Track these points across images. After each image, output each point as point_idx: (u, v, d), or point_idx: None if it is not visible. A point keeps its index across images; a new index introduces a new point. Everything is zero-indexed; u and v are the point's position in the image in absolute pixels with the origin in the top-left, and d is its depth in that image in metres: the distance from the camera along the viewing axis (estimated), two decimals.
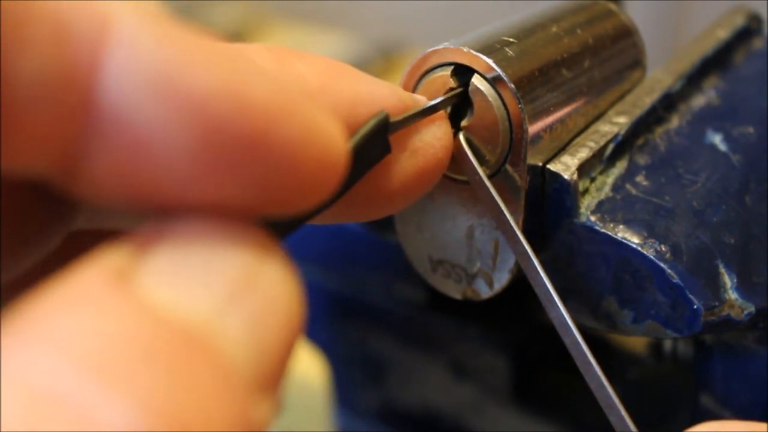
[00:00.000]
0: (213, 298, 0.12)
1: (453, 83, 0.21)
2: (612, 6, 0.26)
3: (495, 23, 0.22)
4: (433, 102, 0.20)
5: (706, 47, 0.27)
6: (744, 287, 0.21)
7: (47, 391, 0.10)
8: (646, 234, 0.21)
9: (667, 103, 0.25)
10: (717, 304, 0.21)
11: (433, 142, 0.19)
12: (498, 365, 0.29)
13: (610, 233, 0.21)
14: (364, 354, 0.32)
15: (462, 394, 0.31)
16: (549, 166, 0.21)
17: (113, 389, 0.10)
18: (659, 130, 0.24)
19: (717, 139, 0.24)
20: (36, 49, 0.12)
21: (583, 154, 0.21)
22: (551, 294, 0.19)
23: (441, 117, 0.20)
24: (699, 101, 0.26)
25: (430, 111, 0.20)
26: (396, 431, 0.33)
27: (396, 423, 0.33)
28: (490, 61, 0.20)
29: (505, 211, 0.20)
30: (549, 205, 0.21)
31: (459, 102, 0.21)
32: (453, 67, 0.21)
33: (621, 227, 0.21)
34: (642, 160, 0.23)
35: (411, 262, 0.23)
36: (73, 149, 0.12)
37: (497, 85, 0.20)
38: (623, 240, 0.21)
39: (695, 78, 0.26)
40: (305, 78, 0.17)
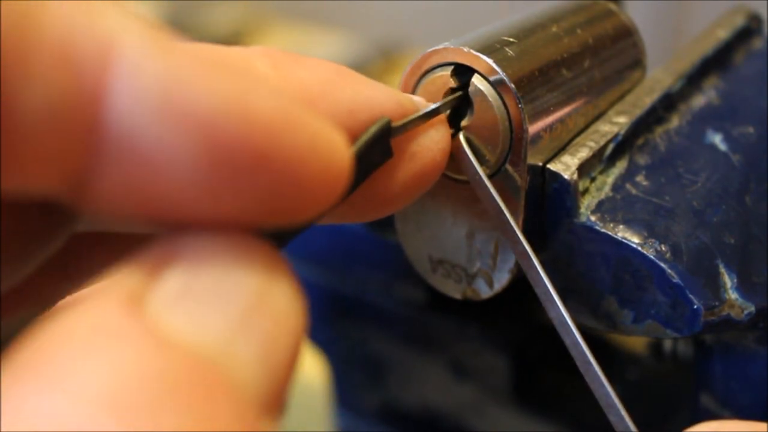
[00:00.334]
0: (225, 323, 0.12)
1: (453, 83, 0.21)
2: (612, 6, 0.26)
3: (495, 23, 0.22)
4: (434, 105, 0.20)
5: (706, 47, 0.27)
6: (744, 287, 0.21)
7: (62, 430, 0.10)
8: (646, 234, 0.21)
9: (667, 103, 0.25)
10: (717, 304, 0.21)
11: (431, 146, 0.19)
12: (498, 365, 0.29)
13: (610, 233, 0.21)
14: (364, 354, 0.32)
15: (462, 394, 0.31)
16: (549, 166, 0.21)
17: (129, 428, 0.10)
18: (659, 130, 0.24)
19: (717, 139, 0.24)
20: (41, 78, 0.12)
21: (583, 153, 0.21)
22: (551, 294, 0.19)
23: (439, 121, 0.20)
24: (699, 101, 0.26)
25: (431, 115, 0.20)
26: (396, 431, 0.33)
27: (396, 423, 0.33)
28: (490, 61, 0.20)
29: (505, 211, 0.20)
30: (549, 205, 0.21)
31: (459, 102, 0.21)
32: (453, 67, 0.21)
33: (621, 227, 0.21)
34: (642, 160, 0.23)
35: (411, 262, 0.23)
36: (81, 169, 0.12)
37: (497, 85, 0.20)
38: (623, 240, 0.21)
39: (695, 78, 0.26)
40: (305, 84, 0.17)
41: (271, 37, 0.95)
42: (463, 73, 0.21)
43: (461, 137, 0.21)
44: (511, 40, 0.21)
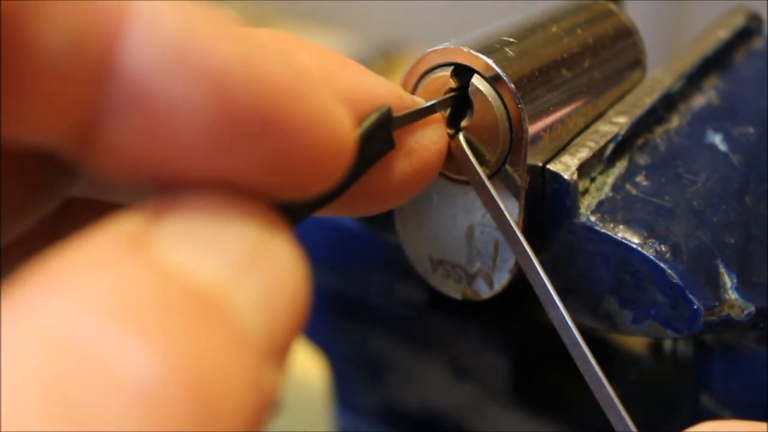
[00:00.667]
0: (227, 264, 0.12)
1: (453, 83, 0.21)
2: (612, 6, 0.26)
3: (495, 23, 0.22)
4: (434, 101, 0.20)
5: (706, 47, 0.27)
6: (744, 287, 0.21)
7: (66, 336, 0.10)
8: (646, 234, 0.21)
9: (667, 103, 0.25)
10: (717, 304, 0.21)
11: (428, 144, 0.19)
12: (498, 365, 0.29)
13: (610, 233, 0.21)
14: (364, 354, 0.32)
15: (462, 394, 0.31)
16: (549, 166, 0.21)
17: (134, 338, 0.10)
18: (659, 130, 0.24)
19: (717, 139, 0.24)
20: (59, 15, 0.12)
21: (583, 154, 0.21)
22: (551, 294, 0.19)
23: (437, 119, 0.20)
24: (699, 101, 0.26)
25: (430, 110, 0.20)
26: (396, 431, 0.33)
27: (396, 423, 0.33)
28: (490, 61, 0.20)
29: (505, 211, 0.20)
30: (549, 205, 0.21)
31: (459, 102, 0.21)
32: (453, 67, 0.21)
33: (621, 227, 0.21)
34: (642, 160, 0.23)
35: (411, 262, 0.23)
36: (90, 120, 0.12)
37: (497, 85, 0.20)
38: (623, 240, 0.21)
39: (695, 78, 0.26)
40: (307, 66, 0.17)
41: None
42: (463, 74, 0.21)
43: (461, 137, 0.21)
44: (511, 40, 0.21)
